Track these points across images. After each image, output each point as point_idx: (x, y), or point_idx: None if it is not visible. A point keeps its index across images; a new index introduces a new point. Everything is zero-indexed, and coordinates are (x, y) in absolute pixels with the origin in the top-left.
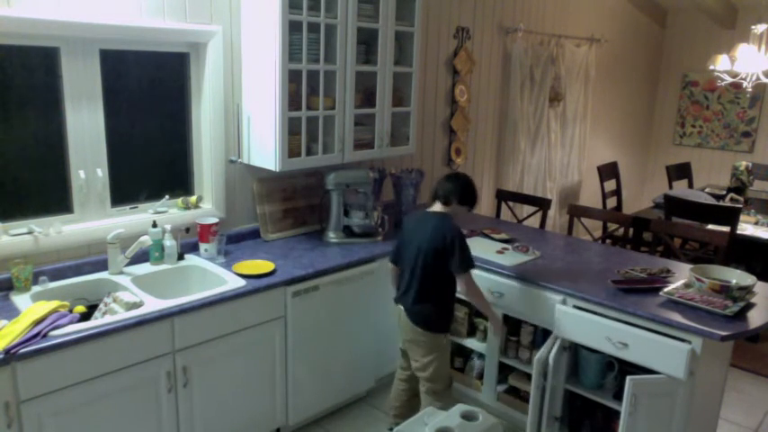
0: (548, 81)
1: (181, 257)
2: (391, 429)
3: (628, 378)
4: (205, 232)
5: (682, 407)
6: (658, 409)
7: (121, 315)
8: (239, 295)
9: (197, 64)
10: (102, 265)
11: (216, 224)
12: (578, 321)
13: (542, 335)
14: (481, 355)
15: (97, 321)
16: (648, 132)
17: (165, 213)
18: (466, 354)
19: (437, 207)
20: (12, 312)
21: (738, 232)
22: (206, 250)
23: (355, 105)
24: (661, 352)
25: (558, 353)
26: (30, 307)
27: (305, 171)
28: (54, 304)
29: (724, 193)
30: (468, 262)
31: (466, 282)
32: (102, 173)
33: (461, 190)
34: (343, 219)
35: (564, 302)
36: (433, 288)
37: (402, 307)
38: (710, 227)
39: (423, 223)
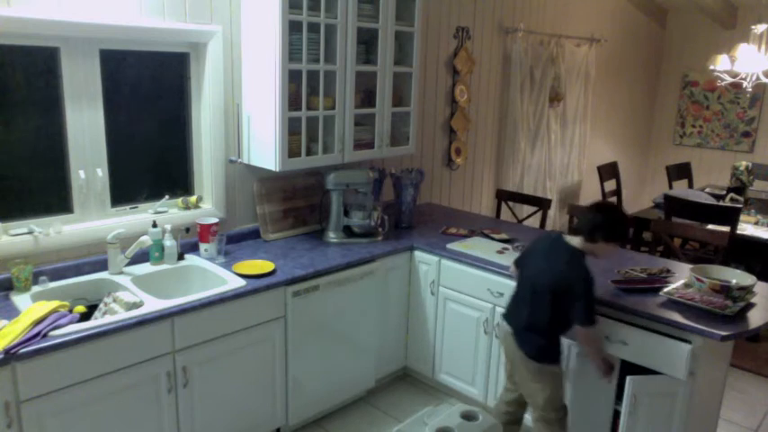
0: (548, 81)
1: (181, 257)
2: None
3: (628, 378)
4: (205, 232)
5: (682, 407)
6: (658, 409)
7: (121, 315)
8: (239, 295)
9: (197, 64)
10: (102, 265)
11: (216, 224)
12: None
13: None
14: None
15: (97, 321)
16: (648, 132)
17: (165, 213)
18: None
19: (576, 241)
20: (12, 312)
21: (738, 232)
22: (206, 250)
23: (355, 105)
24: (662, 352)
25: None
26: (30, 307)
27: (305, 171)
28: (54, 304)
29: (724, 193)
30: (591, 315)
31: (585, 336)
32: (102, 173)
33: (611, 225)
34: (343, 219)
35: None
36: (545, 321)
37: (509, 328)
38: (710, 227)
39: (554, 253)
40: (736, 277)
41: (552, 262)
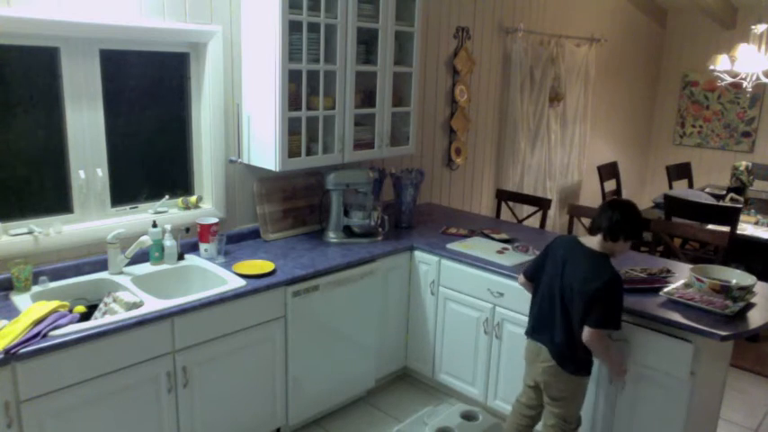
0: (548, 81)
1: (181, 257)
2: None
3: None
4: (205, 232)
5: (682, 407)
6: (657, 406)
7: (121, 315)
8: (239, 295)
9: (197, 64)
10: (102, 265)
11: (216, 224)
12: None
13: None
14: None
15: (97, 321)
16: (648, 132)
17: (165, 213)
18: None
19: (594, 242)
20: (12, 312)
21: (738, 232)
22: (206, 250)
23: (355, 105)
24: (664, 351)
25: None
26: (30, 307)
27: (305, 171)
28: (54, 304)
29: (724, 193)
30: (611, 318)
31: (598, 339)
32: (102, 173)
33: (631, 222)
34: (343, 219)
35: None
36: (580, 332)
37: (541, 345)
38: (710, 227)
39: (577, 258)
40: (736, 277)
41: (577, 269)
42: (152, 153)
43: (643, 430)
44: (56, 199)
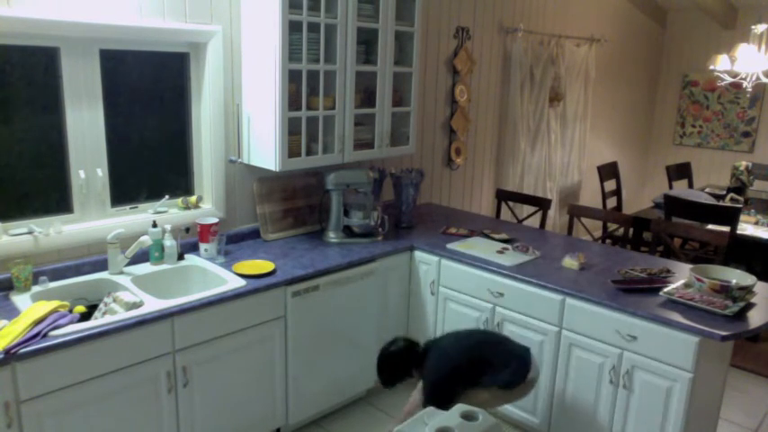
0: (548, 81)
1: (181, 257)
2: None
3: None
4: (205, 232)
5: (681, 405)
6: (657, 406)
7: (121, 315)
8: (239, 295)
9: (197, 64)
10: (102, 265)
11: (216, 224)
12: (586, 315)
13: None
14: None
15: (97, 321)
16: (648, 132)
17: (165, 213)
18: None
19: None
20: (12, 312)
21: (738, 232)
22: (206, 250)
23: (355, 105)
24: (670, 345)
25: None
26: (30, 307)
27: (305, 171)
28: (54, 304)
29: (724, 193)
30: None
31: None
32: (102, 173)
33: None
34: (343, 219)
35: (563, 302)
36: None
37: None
38: (710, 227)
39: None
40: (736, 277)
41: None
42: (152, 153)
43: (643, 430)
44: (56, 199)
